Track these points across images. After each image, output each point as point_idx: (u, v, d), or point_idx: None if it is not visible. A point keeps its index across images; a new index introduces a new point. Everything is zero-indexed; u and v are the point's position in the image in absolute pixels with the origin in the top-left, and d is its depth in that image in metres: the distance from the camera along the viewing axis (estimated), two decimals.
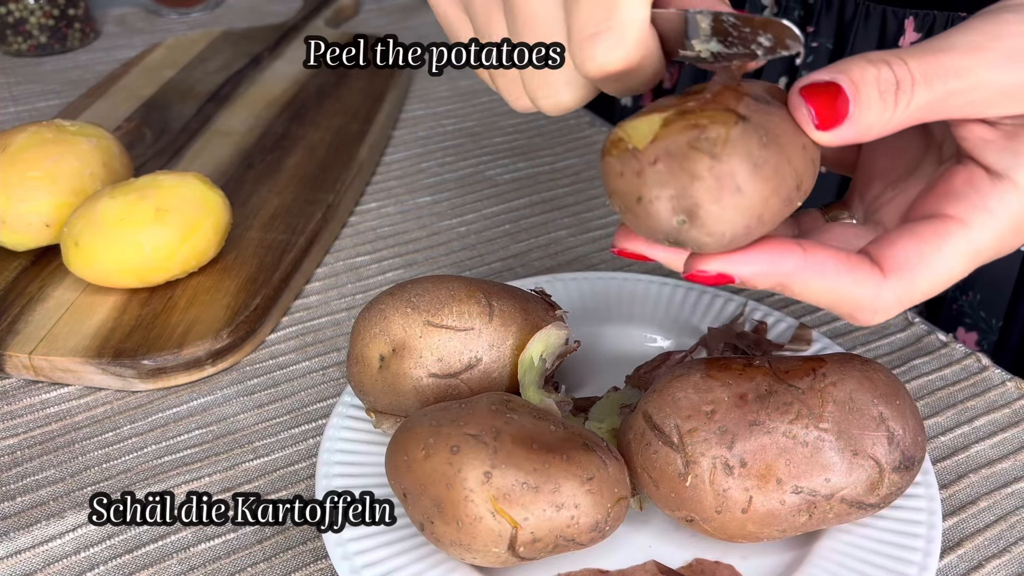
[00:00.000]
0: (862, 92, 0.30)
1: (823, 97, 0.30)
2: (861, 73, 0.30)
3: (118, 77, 0.80)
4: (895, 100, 0.30)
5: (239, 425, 0.48)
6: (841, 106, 0.30)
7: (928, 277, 0.32)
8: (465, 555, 0.35)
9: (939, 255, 0.32)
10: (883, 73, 0.30)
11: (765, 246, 0.31)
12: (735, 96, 0.31)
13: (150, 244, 0.51)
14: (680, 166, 0.29)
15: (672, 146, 0.30)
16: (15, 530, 0.42)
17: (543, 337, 0.41)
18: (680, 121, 0.30)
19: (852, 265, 0.32)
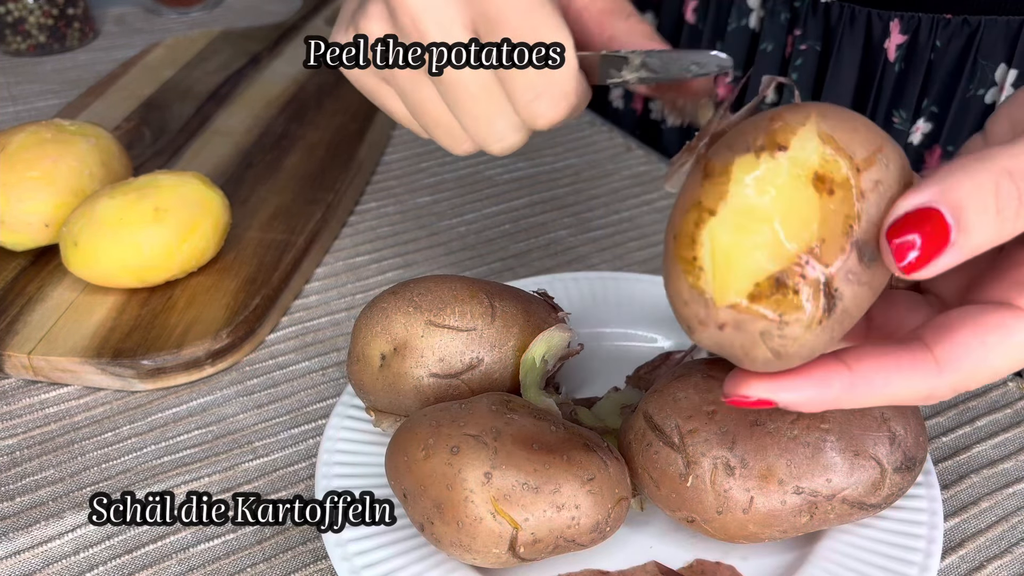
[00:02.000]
0: (969, 215, 0.27)
1: (918, 229, 0.27)
2: (974, 190, 0.27)
3: (117, 77, 0.80)
4: (1015, 215, 0.27)
5: (239, 425, 0.48)
6: (941, 237, 0.27)
7: (987, 372, 0.29)
8: (465, 556, 0.35)
9: (1001, 349, 0.29)
10: (1002, 187, 0.27)
11: (809, 370, 0.29)
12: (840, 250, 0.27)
13: (149, 244, 0.51)
14: (744, 351, 0.28)
15: (744, 324, 0.28)
16: (14, 530, 0.42)
17: (546, 338, 0.41)
18: (764, 299, 0.27)
19: (902, 367, 0.29)
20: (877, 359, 0.29)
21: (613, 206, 0.66)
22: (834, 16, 0.60)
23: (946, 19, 0.55)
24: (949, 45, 0.56)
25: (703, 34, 0.70)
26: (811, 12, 0.61)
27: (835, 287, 0.27)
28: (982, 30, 0.55)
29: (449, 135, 0.38)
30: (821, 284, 0.27)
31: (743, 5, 0.66)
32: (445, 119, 0.37)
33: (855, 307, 0.28)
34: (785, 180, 0.27)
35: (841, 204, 0.27)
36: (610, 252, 0.61)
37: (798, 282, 0.27)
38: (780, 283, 0.27)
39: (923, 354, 0.29)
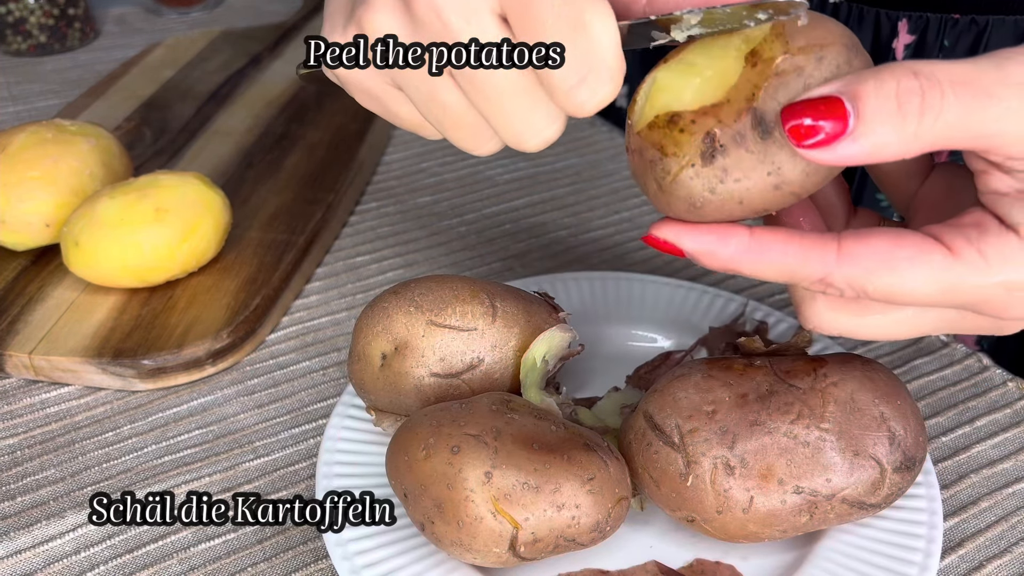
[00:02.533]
0: (869, 104, 0.27)
1: (813, 111, 0.28)
2: (876, 83, 0.28)
3: (118, 77, 0.80)
4: (919, 112, 0.27)
5: (239, 425, 0.48)
6: (837, 120, 0.28)
7: (888, 281, 0.30)
8: (466, 555, 0.35)
9: (910, 266, 0.29)
10: (904, 82, 0.27)
11: (714, 226, 0.31)
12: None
13: (150, 244, 0.51)
14: (641, 180, 0.33)
15: (642, 152, 0.32)
16: (15, 530, 0.42)
17: (547, 338, 0.41)
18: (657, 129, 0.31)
19: (804, 245, 0.30)
20: (782, 233, 0.31)
21: (613, 206, 0.66)
22: (842, 16, 0.60)
23: (954, 19, 0.55)
24: (957, 45, 0.56)
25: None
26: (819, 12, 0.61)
27: (720, 142, 0.30)
28: (990, 30, 0.55)
29: (473, 136, 0.34)
30: (707, 133, 0.30)
31: None
32: (469, 119, 0.33)
33: (740, 171, 0.30)
34: (727, 51, 0.31)
35: (756, 76, 0.30)
36: (610, 252, 0.61)
37: (687, 125, 0.30)
38: (672, 121, 0.31)
39: (829, 241, 0.30)
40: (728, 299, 0.51)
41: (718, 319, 0.50)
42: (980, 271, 0.29)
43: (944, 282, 0.29)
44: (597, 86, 0.31)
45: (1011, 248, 0.29)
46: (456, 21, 0.30)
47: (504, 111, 0.32)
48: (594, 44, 0.30)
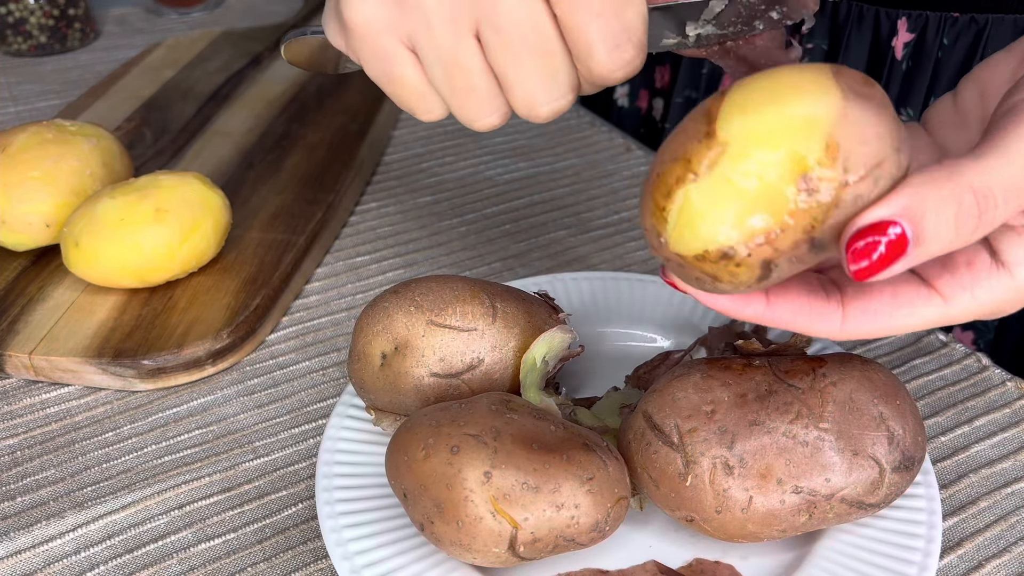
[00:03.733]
0: (929, 231, 0.28)
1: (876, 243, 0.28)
2: (936, 211, 0.28)
3: (118, 77, 0.80)
4: (975, 230, 0.29)
5: (239, 425, 0.48)
6: (898, 249, 0.28)
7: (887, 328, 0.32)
8: (465, 555, 0.35)
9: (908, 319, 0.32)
10: (964, 205, 0.28)
11: (736, 297, 0.33)
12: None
13: (150, 244, 0.51)
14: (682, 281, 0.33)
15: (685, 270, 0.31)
16: (15, 530, 0.42)
17: (547, 339, 0.41)
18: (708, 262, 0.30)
19: (812, 313, 0.33)
20: (794, 299, 0.33)
21: (613, 206, 0.66)
22: (842, 15, 0.60)
23: (953, 17, 0.55)
24: (956, 43, 0.56)
25: None
26: (819, 11, 0.61)
27: (776, 263, 0.29)
28: (989, 28, 0.55)
29: (480, 104, 0.34)
30: (764, 261, 0.29)
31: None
32: (484, 84, 0.33)
33: (788, 273, 0.30)
34: (774, 173, 0.28)
35: (814, 208, 0.28)
36: (610, 252, 0.61)
37: (743, 260, 0.29)
38: (726, 256, 0.29)
39: (834, 308, 0.32)
40: None
41: (717, 319, 0.50)
42: (973, 312, 0.32)
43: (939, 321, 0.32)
44: (630, 54, 0.33)
45: (1002, 287, 0.31)
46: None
47: (526, 71, 0.33)
48: (629, 12, 0.32)
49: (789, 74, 0.29)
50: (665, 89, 0.78)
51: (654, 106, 0.79)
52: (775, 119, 0.28)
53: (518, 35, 0.32)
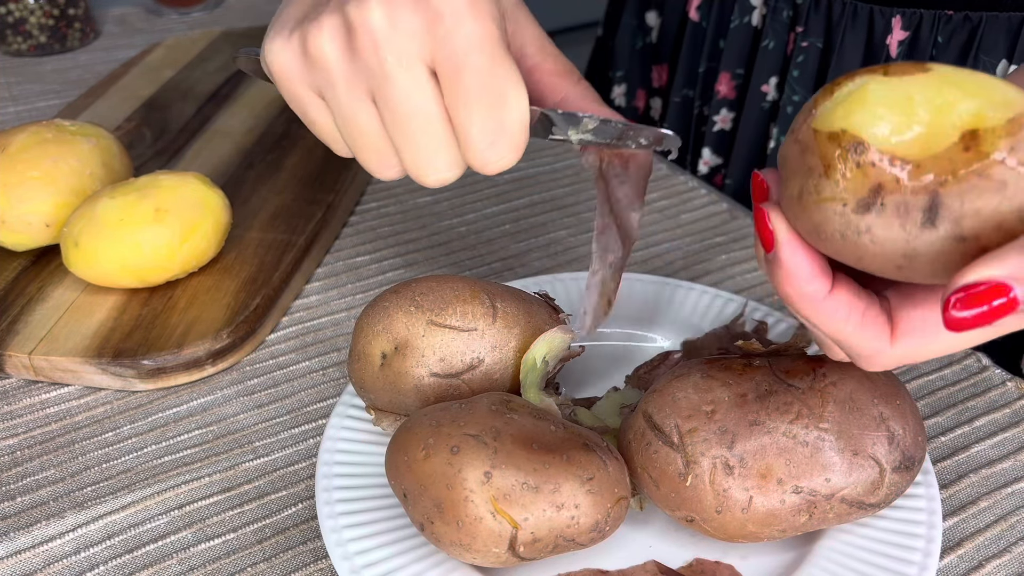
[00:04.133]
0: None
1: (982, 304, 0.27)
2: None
3: (118, 77, 0.80)
4: None
5: (239, 425, 0.48)
6: (1006, 308, 0.26)
7: (938, 347, 0.31)
8: (465, 555, 0.35)
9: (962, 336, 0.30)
10: None
11: (814, 254, 0.31)
12: None
13: (150, 244, 0.51)
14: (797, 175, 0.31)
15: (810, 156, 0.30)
16: (15, 530, 0.42)
17: (547, 339, 0.41)
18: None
19: (864, 320, 0.31)
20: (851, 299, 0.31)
21: None
22: (836, 13, 0.60)
23: (947, 15, 0.56)
24: (951, 41, 0.56)
25: (707, 32, 0.71)
26: (814, 9, 0.61)
27: (883, 201, 0.28)
28: (983, 26, 0.55)
29: (379, 160, 0.37)
30: (878, 184, 0.28)
31: (745, 2, 0.67)
32: (379, 144, 0.36)
33: (880, 238, 0.29)
34: (950, 112, 0.28)
35: (961, 160, 0.28)
36: None
37: (866, 165, 0.29)
38: (856, 150, 0.29)
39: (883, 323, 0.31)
40: (728, 299, 0.51)
41: (718, 319, 0.50)
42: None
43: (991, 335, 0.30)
44: (504, 152, 0.35)
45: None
46: (391, 60, 0.33)
47: (415, 146, 0.35)
48: (509, 117, 0.34)
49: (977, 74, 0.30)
50: (663, 88, 0.78)
51: (652, 105, 0.80)
52: (980, 81, 0.29)
53: (405, 113, 0.34)
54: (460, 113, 0.34)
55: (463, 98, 0.34)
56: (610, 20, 0.82)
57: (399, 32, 0.33)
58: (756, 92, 0.68)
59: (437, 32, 0.33)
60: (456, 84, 0.34)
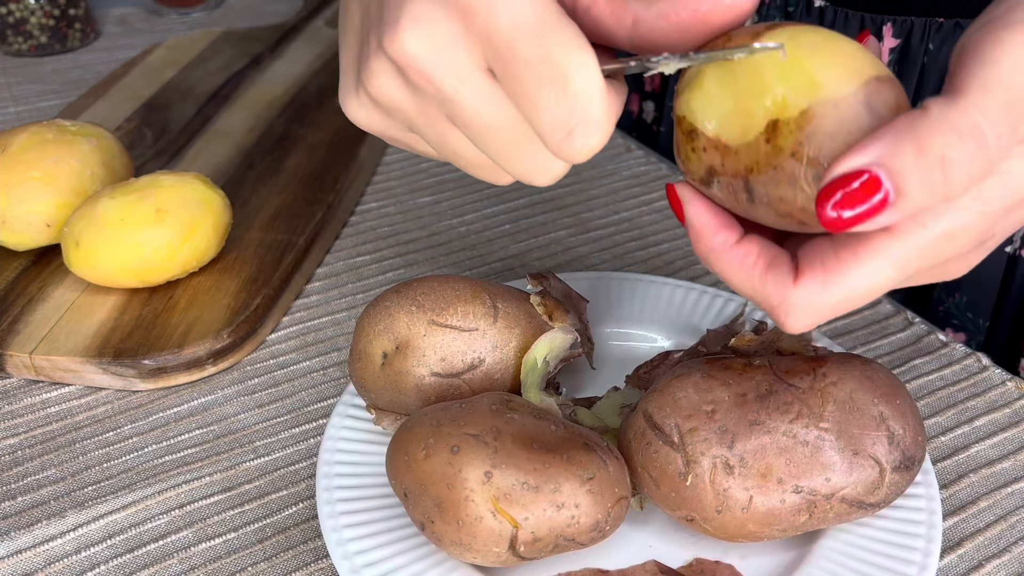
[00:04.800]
0: (911, 183, 0.27)
1: (852, 199, 0.27)
2: (918, 157, 0.27)
3: (118, 77, 0.80)
4: (967, 179, 0.28)
5: (240, 425, 0.48)
6: (878, 204, 0.27)
7: (845, 285, 0.30)
8: (465, 555, 0.35)
9: (857, 263, 0.30)
10: (951, 151, 0.27)
11: (721, 214, 0.32)
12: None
13: (150, 244, 0.51)
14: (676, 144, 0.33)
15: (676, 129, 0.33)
16: (16, 529, 0.42)
17: (548, 339, 0.42)
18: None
19: (769, 267, 0.32)
20: (754, 247, 0.32)
21: (613, 206, 0.66)
22: (828, 19, 0.60)
23: (938, 23, 0.56)
24: (942, 49, 0.56)
25: None
26: (805, 14, 0.61)
27: (717, 180, 0.31)
28: None
29: (488, 174, 0.35)
30: (709, 168, 0.32)
31: None
32: (480, 160, 0.34)
33: (726, 203, 0.32)
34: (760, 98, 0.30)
35: (765, 153, 0.30)
36: (610, 252, 0.61)
37: (698, 149, 0.32)
38: (691, 135, 0.32)
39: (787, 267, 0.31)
40: (728, 299, 0.51)
41: (718, 319, 0.50)
42: (922, 239, 0.30)
43: (897, 263, 0.30)
44: (585, 138, 0.30)
45: (945, 211, 0.30)
46: (448, 82, 0.31)
47: (507, 156, 0.33)
48: (578, 97, 0.30)
49: (844, 42, 0.30)
50: (656, 93, 0.78)
51: (644, 109, 0.79)
52: (817, 53, 0.29)
53: (482, 127, 0.32)
54: (526, 110, 0.31)
55: (523, 93, 0.31)
56: None
57: (439, 49, 0.31)
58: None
59: (475, 31, 0.30)
60: (513, 81, 0.31)
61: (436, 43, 0.31)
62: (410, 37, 0.31)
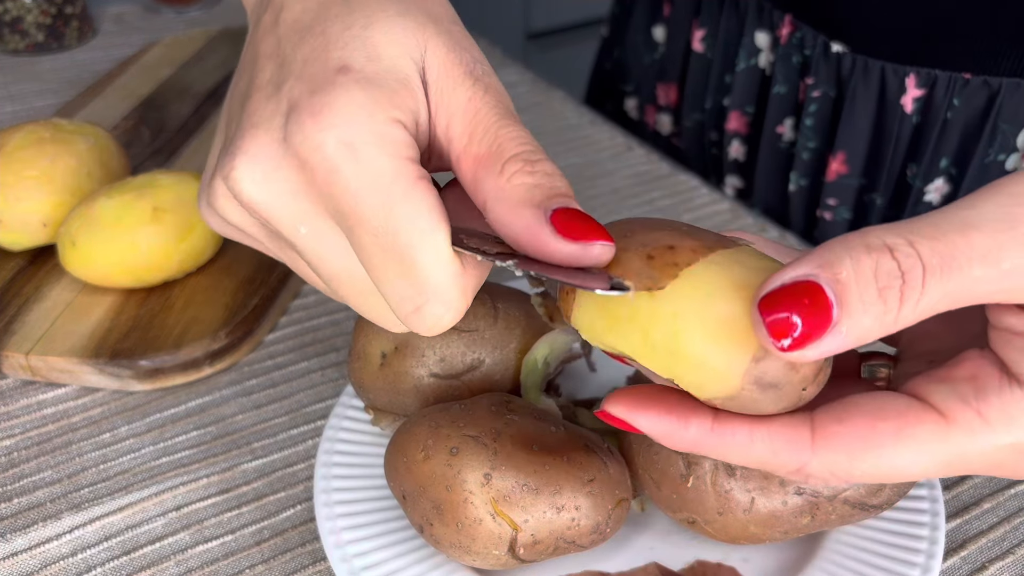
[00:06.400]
0: (851, 292, 0.24)
1: (796, 303, 0.24)
2: (854, 265, 0.24)
3: (115, 76, 0.80)
4: (900, 298, 0.24)
5: (237, 426, 0.47)
6: (822, 314, 0.24)
7: (874, 463, 0.26)
8: (465, 557, 0.35)
9: (896, 442, 0.26)
10: (883, 264, 0.24)
11: (674, 405, 0.28)
12: None
13: (147, 244, 0.51)
14: None
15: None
16: (12, 531, 0.42)
17: (549, 341, 0.41)
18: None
19: (773, 432, 0.27)
20: (749, 420, 0.27)
21: (613, 206, 0.65)
22: (846, 67, 0.58)
23: (964, 78, 0.54)
24: (968, 105, 0.54)
25: (712, 64, 0.68)
26: (823, 59, 0.59)
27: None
28: (1003, 93, 0.53)
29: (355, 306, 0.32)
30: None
31: (751, 44, 0.65)
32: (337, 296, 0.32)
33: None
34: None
35: None
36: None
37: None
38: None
39: (801, 426, 0.27)
40: None
41: None
42: (983, 436, 0.26)
43: (942, 453, 0.26)
44: (435, 316, 0.29)
45: (1017, 405, 0.25)
46: (287, 226, 0.29)
47: (357, 304, 0.31)
48: (426, 276, 0.28)
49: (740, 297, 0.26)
50: (671, 107, 0.76)
51: (660, 121, 0.78)
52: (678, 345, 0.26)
53: (328, 275, 0.30)
54: (374, 278, 0.29)
55: (368, 262, 0.28)
56: (616, 24, 0.80)
57: (276, 195, 0.28)
58: (771, 132, 0.65)
59: (316, 187, 0.28)
60: (358, 247, 0.28)
61: (272, 189, 0.28)
62: (244, 178, 0.28)
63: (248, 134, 0.28)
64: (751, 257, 0.28)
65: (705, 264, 0.27)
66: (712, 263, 0.27)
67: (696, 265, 0.27)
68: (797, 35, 0.61)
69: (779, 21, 0.62)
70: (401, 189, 0.27)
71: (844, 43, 0.58)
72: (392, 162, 0.27)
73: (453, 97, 0.29)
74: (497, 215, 0.28)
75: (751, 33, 0.64)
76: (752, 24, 0.64)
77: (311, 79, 0.28)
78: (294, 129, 0.27)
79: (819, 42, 0.59)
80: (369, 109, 0.27)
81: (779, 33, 0.62)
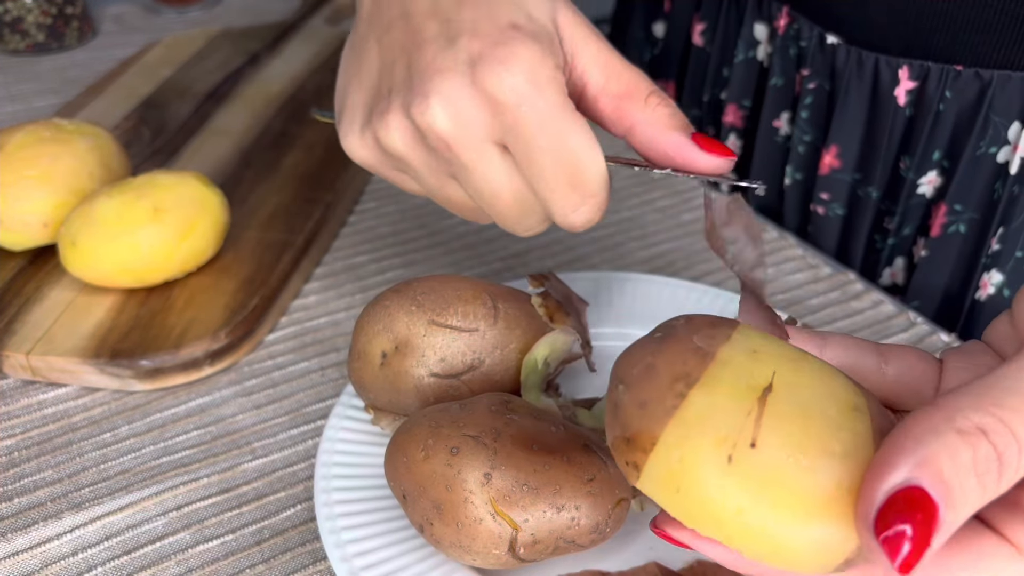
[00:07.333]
0: (955, 490, 0.23)
1: (909, 518, 0.22)
2: (951, 458, 0.23)
3: (116, 76, 0.80)
4: (998, 480, 0.23)
5: (237, 426, 0.48)
6: (931, 521, 0.22)
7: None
8: (465, 557, 0.35)
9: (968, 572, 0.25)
10: (980, 451, 0.23)
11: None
12: None
13: (147, 244, 0.51)
14: None
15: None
16: (12, 531, 0.42)
17: (549, 341, 0.41)
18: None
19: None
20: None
21: (613, 206, 0.66)
22: (840, 58, 0.58)
23: (956, 70, 0.54)
24: (959, 97, 0.54)
25: (711, 57, 0.69)
26: (818, 51, 0.60)
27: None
28: (994, 85, 0.53)
29: (474, 217, 0.39)
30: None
31: (750, 37, 0.65)
32: (469, 205, 0.38)
33: None
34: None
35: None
36: (610, 252, 0.61)
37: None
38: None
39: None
40: (730, 299, 0.51)
41: None
42: None
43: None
44: (590, 214, 0.36)
45: None
46: (467, 154, 0.35)
47: (506, 216, 0.37)
48: (588, 182, 0.35)
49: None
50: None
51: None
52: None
53: (488, 193, 0.36)
54: (539, 189, 0.35)
55: (539, 177, 0.35)
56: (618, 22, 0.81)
57: (465, 128, 0.34)
58: (767, 126, 0.66)
59: (501, 120, 0.34)
60: (530, 166, 0.35)
61: (462, 122, 0.34)
62: (439, 114, 0.34)
63: (437, 77, 0.34)
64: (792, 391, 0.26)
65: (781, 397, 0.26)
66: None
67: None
68: (794, 27, 0.62)
69: (777, 13, 0.63)
70: (572, 117, 0.34)
71: (839, 35, 0.59)
72: (563, 98, 0.34)
73: (586, 49, 0.36)
74: (647, 137, 0.36)
75: (750, 25, 0.65)
76: (751, 16, 0.65)
77: (487, 35, 0.34)
78: (485, 73, 0.33)
79: (815, 34, 0.60)
80: (541, 57, 0.34)
81: (777, 25, 0.63)
